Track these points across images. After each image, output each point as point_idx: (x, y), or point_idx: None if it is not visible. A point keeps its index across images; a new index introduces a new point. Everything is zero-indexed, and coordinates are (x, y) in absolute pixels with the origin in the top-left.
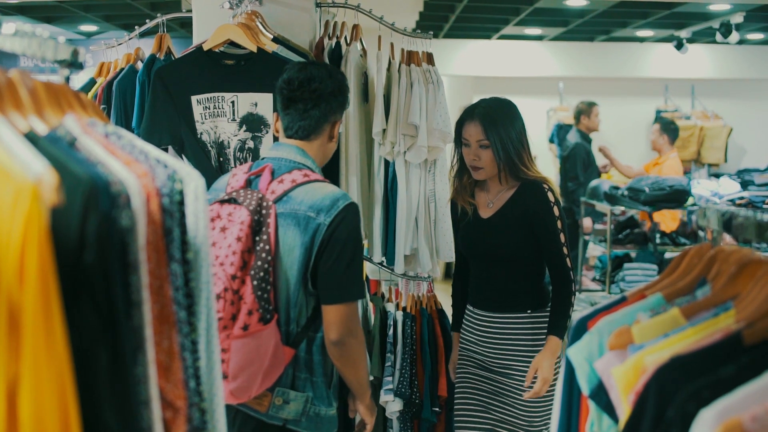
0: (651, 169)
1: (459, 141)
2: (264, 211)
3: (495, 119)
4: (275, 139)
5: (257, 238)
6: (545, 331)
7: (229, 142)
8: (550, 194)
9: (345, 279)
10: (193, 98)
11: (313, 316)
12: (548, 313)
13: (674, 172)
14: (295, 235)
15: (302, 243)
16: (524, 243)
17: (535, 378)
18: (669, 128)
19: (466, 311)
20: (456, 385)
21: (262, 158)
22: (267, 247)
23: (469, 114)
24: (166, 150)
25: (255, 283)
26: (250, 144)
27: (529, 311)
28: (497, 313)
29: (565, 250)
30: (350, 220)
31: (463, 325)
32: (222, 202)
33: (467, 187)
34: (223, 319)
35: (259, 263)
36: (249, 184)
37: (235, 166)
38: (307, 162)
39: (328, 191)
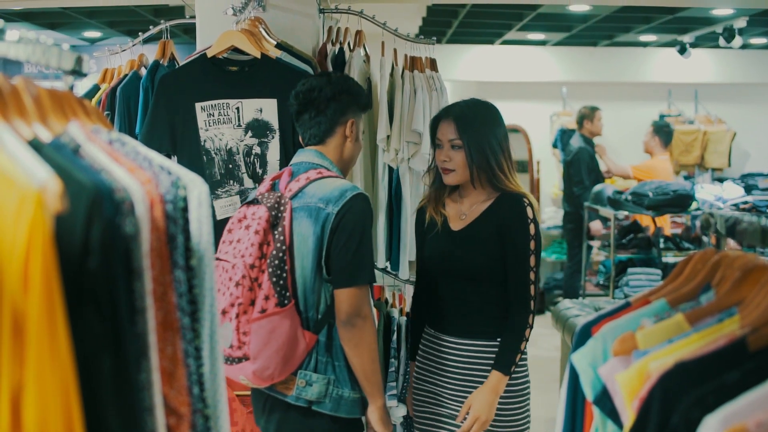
0: (636, 170)
1: (434, 142)
2: (281, 207)
3: (470, 119)
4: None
5: (275, 232)
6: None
7: (237, 148)
8: (528, 210)
9: (353, 264)
10: (197, 105)
11: (332, 302)
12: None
13: (660, 173)
14: (308, 226)
15: (314, 233)
16: (497, 260)
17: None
18: (661, 131)
19: (425, 336)
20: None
21: (290, 164)
22: (282, 238)
23: (444, 112)
24: (168, 156)
25: (270, 270)
26: (257, 150)
27: (499, 339)
28: (464, 339)
29: (531, 275)
30: (358, 209)
31: (420, 353)
32: (248, 203)
33: (440, 195)
34: (243, 305)
35: (275, 252)
36: (273, 187)
37: (246, 172)
38: (324, 163)
39: (338, 184)
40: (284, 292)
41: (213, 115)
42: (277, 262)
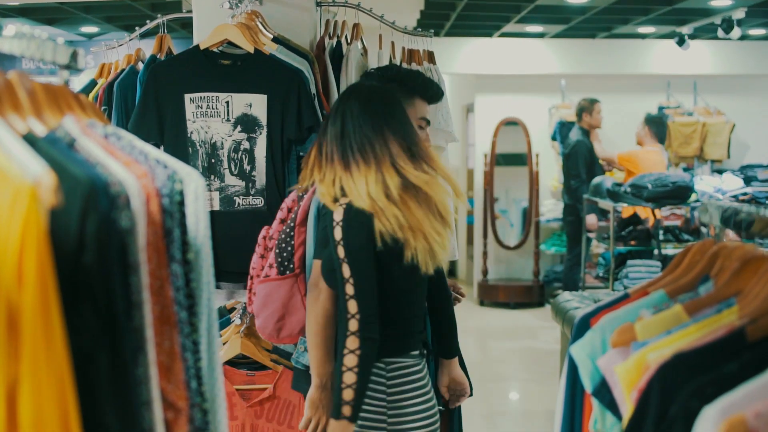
0: (620, 157)
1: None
2: (305, 195)
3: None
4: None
5: (293, 214)
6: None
7: (222, 143)
8: (337, 212)
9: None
10: (187, 96)
11: None
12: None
13: (643, 163)
14: (314, 209)
15: (313, 215)
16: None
17: None
18: (653, 122)
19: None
20: None
21: None
22: (293, 216)
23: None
24: (157, 146)
25: (277, 242)
26: (246, 145)
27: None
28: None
29: (348, 288)
30: None
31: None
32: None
33: None
34: (255, 269)
35: (285, 227)
36: None
37: (228, 167)
38: None
39: None
40: (287, 263)
41: (201, 107)
42: (283, 236)
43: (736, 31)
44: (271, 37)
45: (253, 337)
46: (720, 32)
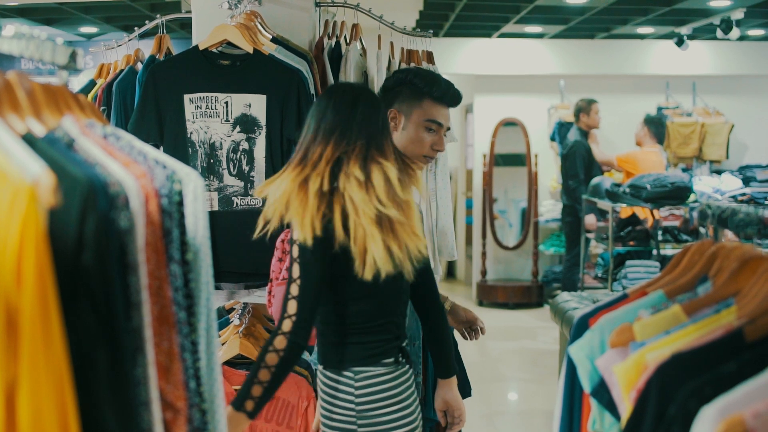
0: (619, 159)
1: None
2: None
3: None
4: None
5: None
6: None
7: (221, 144)
8: None
9: None
10: (186, 97)
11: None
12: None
13: (642, 163)
14: None
15: None
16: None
17: None
18: (652, 123)
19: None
20: None
21: None
22: None
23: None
24: (156, 147)
25: None
26: (245, 145)
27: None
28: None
29: (293, 288)
30: None
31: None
32: None
33: None
34: (274, 272)
35: None
36: None
37: (227, 168)
38: None
39: None
40: None
41: (201, 108)
42: None
43: (735, 32)
44: (270, 37)
45: (251, 337)
46: (719, 33)
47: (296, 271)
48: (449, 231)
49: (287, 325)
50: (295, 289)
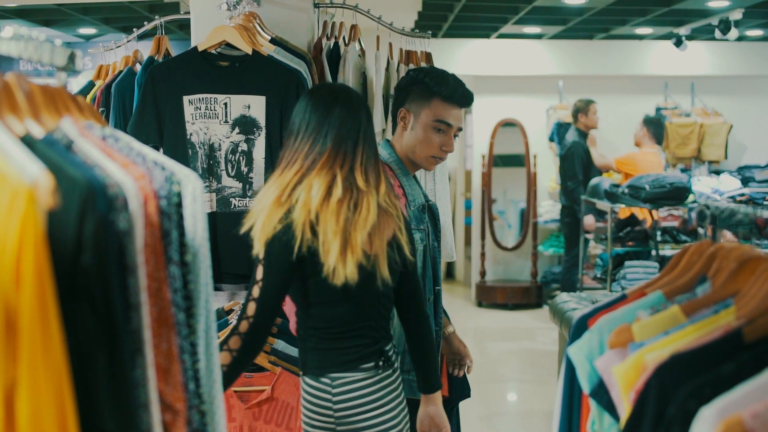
0: (618, 162)
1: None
2: None
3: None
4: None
5: None
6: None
7: (220, 145)
8: None
9: None
10: (185, 98)
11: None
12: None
13: (642, 165)
14: None
15: None
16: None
17: None
18: (651, 124)
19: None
20: None
21: None
22: None
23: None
24: (156, 148)
25: None
26: (244, 147)
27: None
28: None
29: (254, 289)
30: None
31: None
32: None
33: None
34: None
35: None
36: None
37: (225, 169)
38: (384, 150)
39: None
40: None
41: (200, 109)
42: None
43: (734, 32)
44: (269, 38)
45: None
46: (717, 33)
47: (259, 273)
48: (448, 232)
49: (244, 327)
50: (256, 291)
